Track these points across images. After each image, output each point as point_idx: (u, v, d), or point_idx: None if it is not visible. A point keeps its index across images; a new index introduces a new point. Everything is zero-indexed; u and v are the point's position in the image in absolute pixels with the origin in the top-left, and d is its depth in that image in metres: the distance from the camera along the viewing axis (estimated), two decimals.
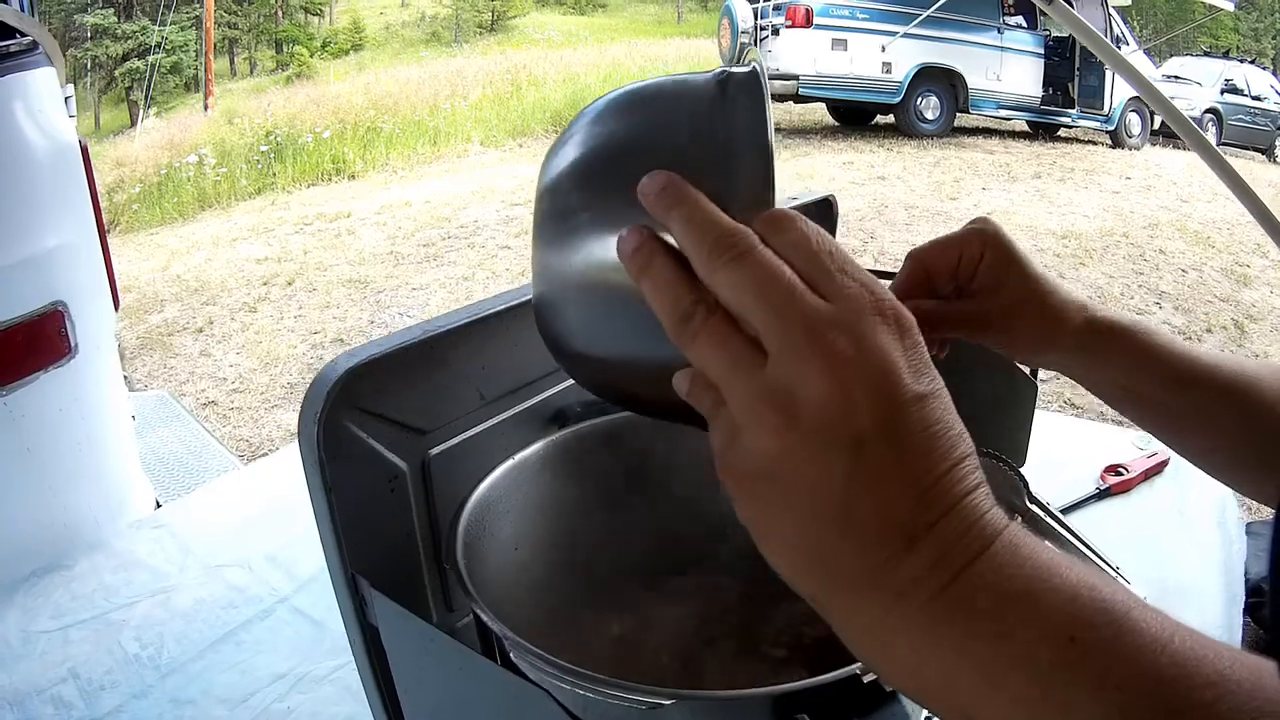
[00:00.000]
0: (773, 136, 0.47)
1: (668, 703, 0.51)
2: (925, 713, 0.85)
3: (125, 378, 2.92)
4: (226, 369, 4.62)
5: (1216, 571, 1.27)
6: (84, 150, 1.60)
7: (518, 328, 0.77)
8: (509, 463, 0.76)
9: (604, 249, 0.48)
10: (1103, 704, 0.36)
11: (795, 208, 1.12)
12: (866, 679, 0.50)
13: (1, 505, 1.47)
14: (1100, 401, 0.82)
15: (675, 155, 0.47)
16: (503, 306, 0.74)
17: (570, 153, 0.51)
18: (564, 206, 0.51)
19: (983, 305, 0.76)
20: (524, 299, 0.75)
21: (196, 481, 2.33)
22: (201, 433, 2.62)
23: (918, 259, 0.77)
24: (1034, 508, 1.15)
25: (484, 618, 0.57)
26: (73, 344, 1.56)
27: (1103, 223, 5.79)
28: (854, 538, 0.39)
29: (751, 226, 0.43)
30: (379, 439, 0.69)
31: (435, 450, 0.74)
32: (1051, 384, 3.92)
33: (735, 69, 0.49)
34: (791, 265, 0.42)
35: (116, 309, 1.75)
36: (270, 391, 4.33)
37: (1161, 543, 1.33)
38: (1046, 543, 0.41)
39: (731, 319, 0.42)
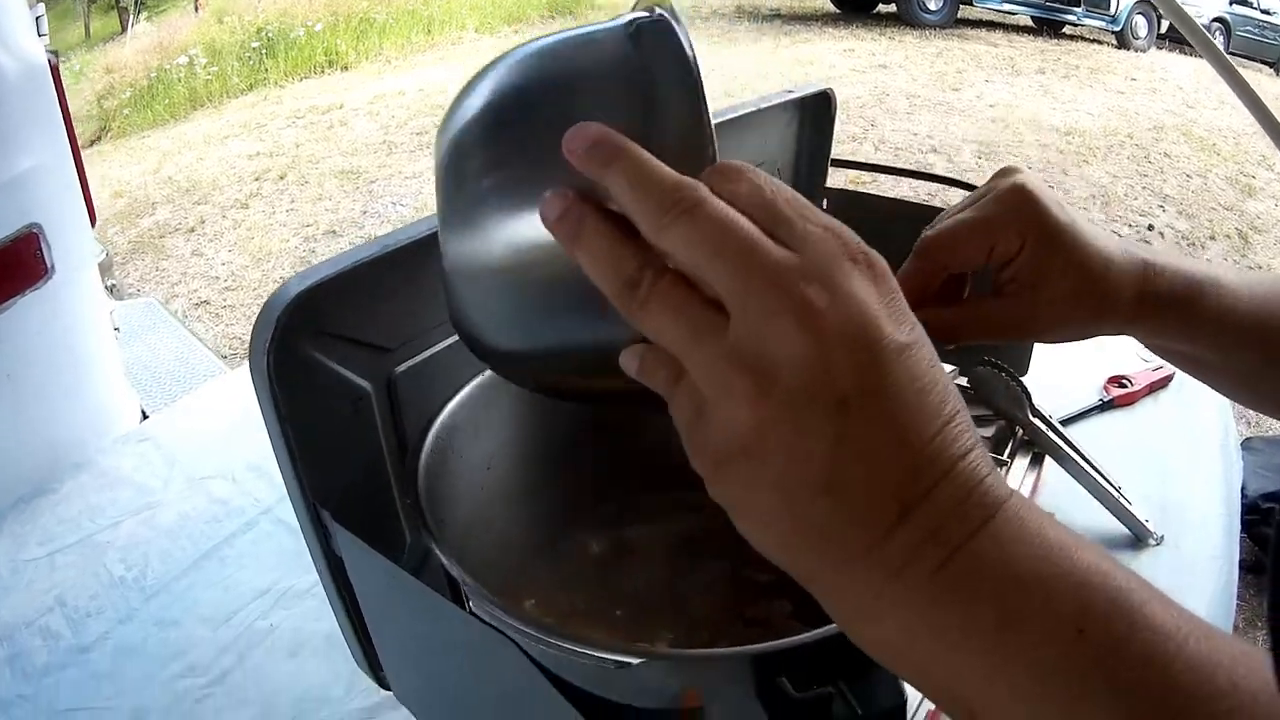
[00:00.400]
0: (701, 78, 0.40)
1: (635, 662, 0.47)
2: None
3: (114, 286, 2.91)
4: (219, 267, 4.58)
5: (1218, 490, 1.25)
6: (54, 69, 1.56)
7: None
8: (480, 378, 0.71)
9: (523, 220, 0.41)
10: (1109, 710, 0.32)
11: (792, 100, 1.09)
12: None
13: None
14: None
15: (597, 103, 0.41)
16: None
17: (473, 114, 0.44)
18: (470, 176, 0.44)
19: (1020, 306, 0.63)
20: None
21: (184, 389, 2.32)
22: (189, 338, 2.60)
23: (933, 254, 0.63)
24: (1036, 421, 1.12)
25: (446, 563, 0.53)
26: (49, 265, 1.53)
27: (1107, 122, 5.71)
28: (843, 509, 0.35)
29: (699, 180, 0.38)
30: (339, 360, 0.65)
31: (401, 368, 0.71)
32: None
33: (640, 15, 0.42)
34: (748, 217, 0.37)
35: (93, 224, 1.73)
36: (263, 288, 4.29)
37: (1163, 459, 1.31)
38: (1053, 517, 0.37)
39: (685, 281, 0.37)
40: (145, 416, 1.81)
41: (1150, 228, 4.33)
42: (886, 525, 0.35)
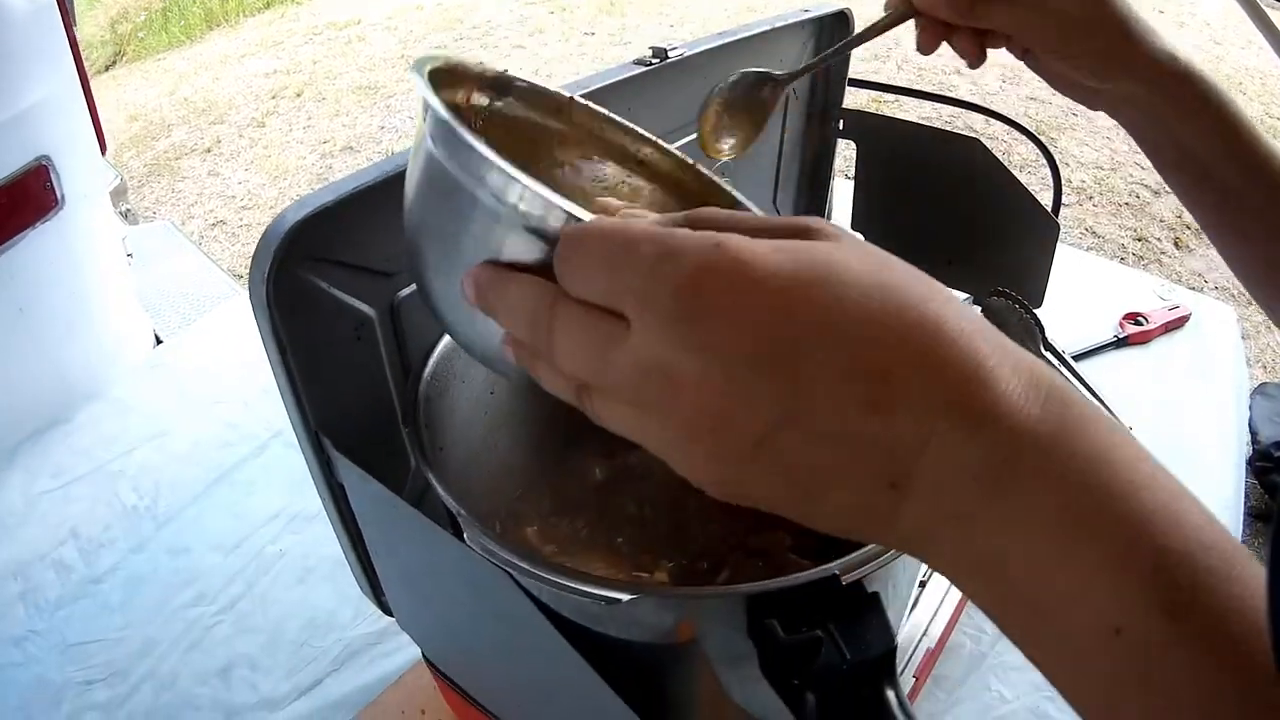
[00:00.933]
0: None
1: (625, 598, 0.47)
2: (907, 622, 0.83)
3: (129, 211, 2.89)
4: (235, 186, 4.54)
5: (1231, 434, 1.24)
6: (60, 1, 1.53)
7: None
8: None
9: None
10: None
11: (809, 19, 1.06)
12: (845, 579, 0.46)
13: (0, 369, 1.46)
14: (1120, 237, 0.74)
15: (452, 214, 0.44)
16: None
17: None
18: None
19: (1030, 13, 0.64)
20: None
21: (199, 312, 2.32)
22: (204, 261, 2.58)
23: None
24: (1048, 354, 1.11)
25: (442, 495, 0.53)
26: (59, 196, 1.51)
27: None
28: (840, 511, 0.34)
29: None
30: (341, 286, 0.64)
31: (404, 293, 0.70)
32: (1071, 210, 3.84)
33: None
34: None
35: (103, 153, 1.70)
36: (279, 205, 4.19)
37: (1176, 400, 1.31)
38: (1114, 424, 0.34)
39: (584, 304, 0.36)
40: (159, 342, 1.81)
41: None
42: (887, 511, 0.33)
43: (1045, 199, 1.11)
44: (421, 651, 0.82)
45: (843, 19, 1.11)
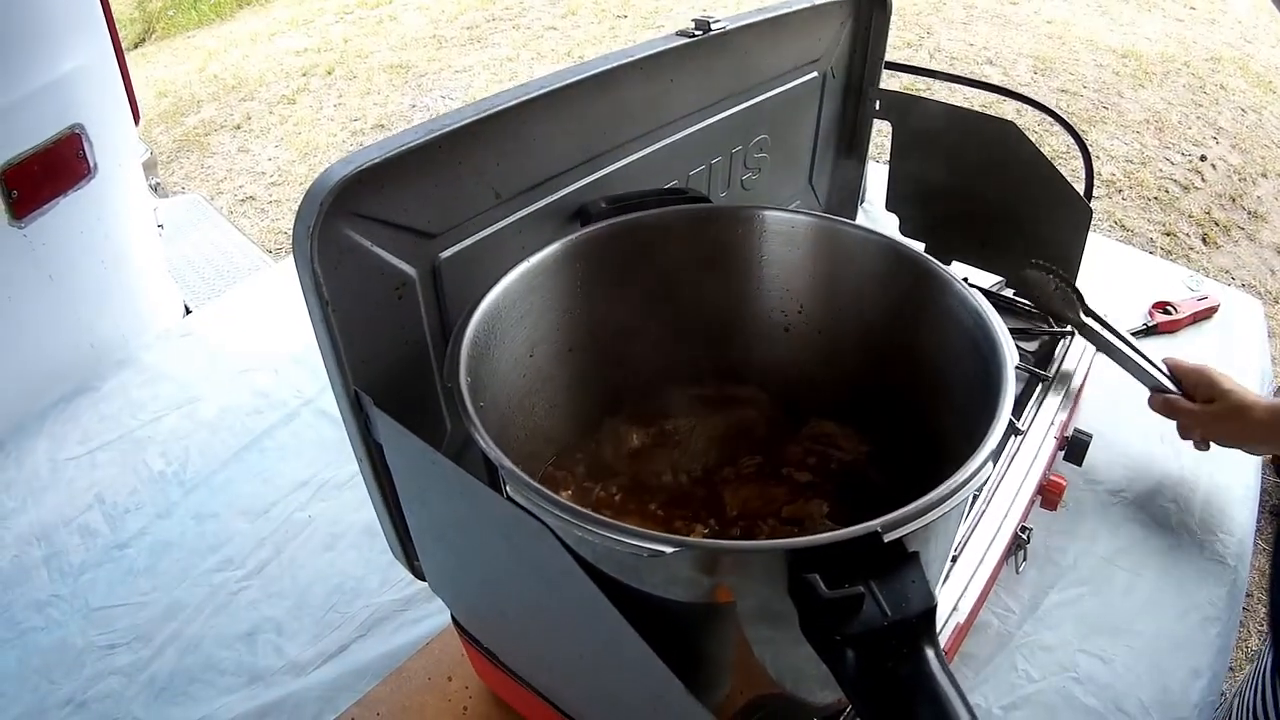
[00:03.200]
0: None
1: (669, 550, 0.47)
2: (940, 593, 0.83)
3: (158, 185, 2.90)
4: (265, 163, 4.54)
5: None
6: None
7: (535, 122, 0.72)
8: (525, 265, 0.70)
9: None
10: None
11: (849, 2, 1.06)
12: (887, 537, 0.46)
13: (28, 336, 1.47)
14: (1149, 231, 0.76)
15: None
16: (516, 101, 0.68)
17: None
18: None
19: None
20: (540, 91, 0.70)
21: (228, 283, 2.32)
22: (233, 232, 2.59)
23: None
24: (1090, 320, 1.10)
25: (485, 449, 0.53)
26: (92, 164, 1.53)
27: (1164, 48, 5.52)
28: None
29: None
30: (384, 245, 0.64)
31: (446, 253, 0.70)
32: (1100, 203, 3.82)
33: None
34: None
35: (136, 122, 1.71)
36: (309, 181, 4.21)
37: None
38: None
39: None
40: (189, 312, 1.82)
41: (1203, 158, 4.21)
42: None
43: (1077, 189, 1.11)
44: (451, 615, 0.82)
45: (881, 2, 1.11)
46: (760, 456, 0.79)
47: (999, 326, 0.60)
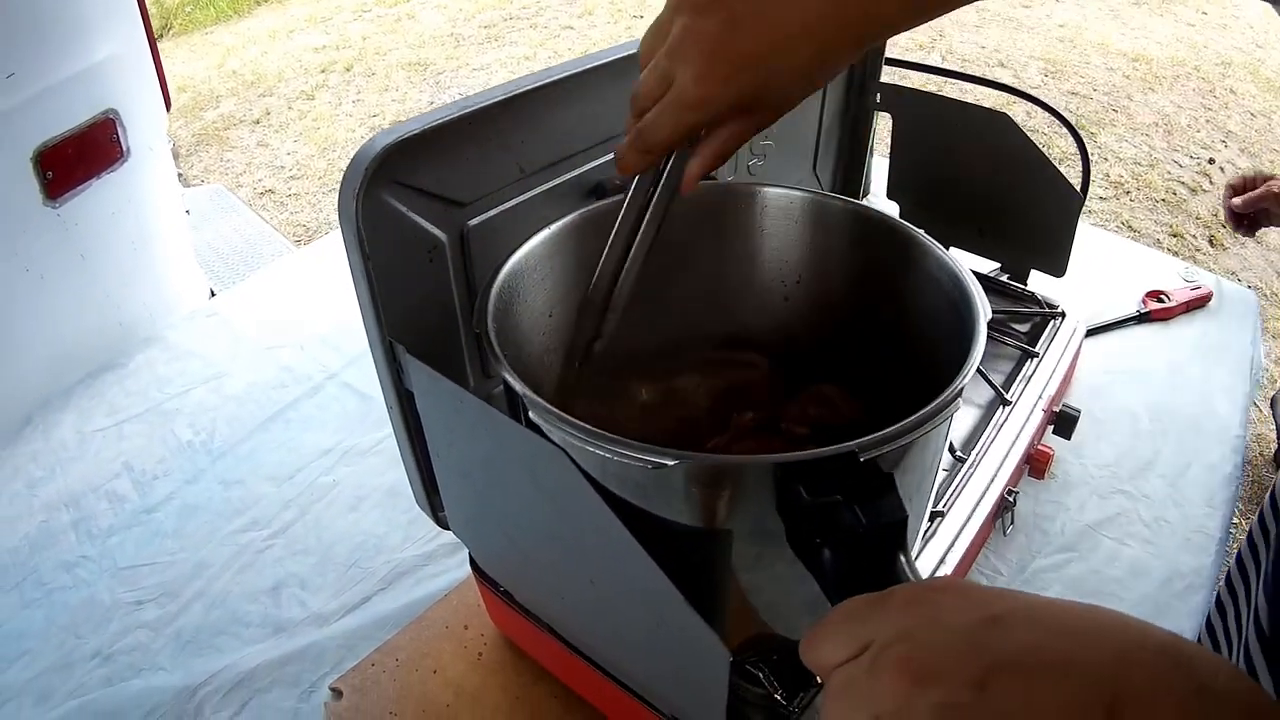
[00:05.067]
0: None
1: (671, 463, 0.53)
2: (924, 545, 0.89)
3: (180, 175, 2.96)
4: (284, 157, 4.59)
5: (1237, 416, 1.29)
6: None
7: (557, 103, 0.77)
8: (545, 232, 0.76)
9: None
10: None
11: None
12: (863, 458, 0.52)
13: (58, 312, 1.52)
14: (1155, 232, 0.80)
15: None
16: (542, 82, 0.73)
17: None
18: None
19: None
20: (563, 75, 0.75)
21: (252, 270, 2.38)
22: (257, 221, 2.65)
23: None
24: None
25: (508, 378, 0.59)
26: (124, 148, 1.58)
27: (1175, 52, 5.55)
28: None
29: None
30: (419, 212, 0.70)
31: (474, 221, 0.76)
32: (1108, 204, 3.86)
33: None
34: None
35: (168, 110, 1.77)
36: (328, 176, 4.31)
37: (1194, 377, 1.36)
38: None
39: None
40: (213, 296, 1.86)
41: (1211, 161, 4.25)
42: None
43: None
44: (470, 562, 0.88)
45: None
46: (762, 411, 0.85)
47: (973, 284, 0.65)
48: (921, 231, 0.75)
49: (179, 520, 1.18)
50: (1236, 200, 1.45)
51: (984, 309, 0.62)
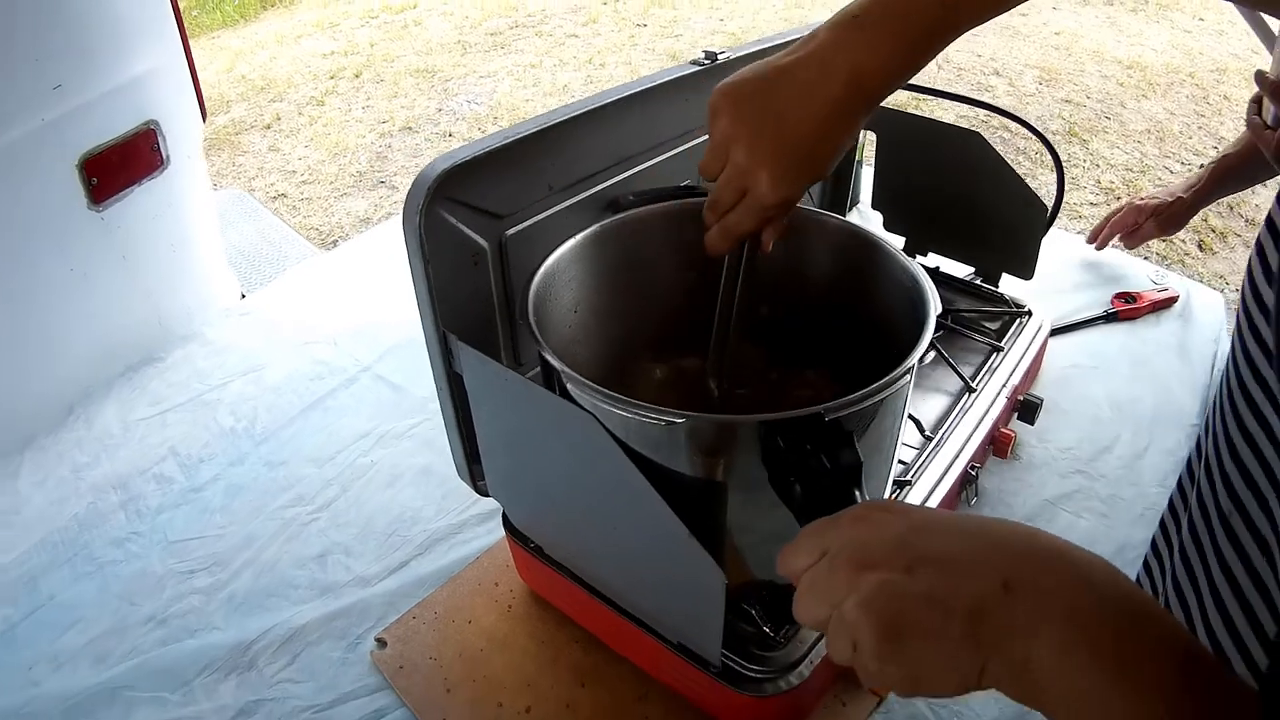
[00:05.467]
0: None
1: (680, 420, 0.68)
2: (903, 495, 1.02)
3: None
4: (295, 162, 4.68)
5: (1196, 405, 1.38)
6: None
7: (581, 131, 0.91)
8: (571, 241, 0.90)
9: None
10: None
11: None
12: (828, 419, 0.66)
13: (101, 311, 1.59)
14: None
15: None
16: (569, 115, 0.88)
17: None
18: None
19: None
20: (583, 110, 0.89)
21: (278, 271, 2.44)
22: (280, 224, 2.72)
23: None
24: None
25: (547, 356, 0.73)
26: (164, 157, 1.67)
27: (1170, 59, 5.63)
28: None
29: None
30: (466, 223, 0.84)
31: (511, 231, 0.90)
32: (1099, 209, 3.95)
33: None
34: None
35: (204, 120, 1.84)
36: (339, 181, 4.40)
37: (1156, 370, 1.45)
38: None
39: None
40: (244, 297, 1.94)
41: (1202, 166, 4.34)
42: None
43: (1075, 196, 1.28)
44: (503, 520, 1.01)
45: None
46: (763, 388, 0.99)
47: (927, 283, 0.80)
48: (889, 241, 0.89)
49: (226, 498, 1.26)
50: (1096, 242, 1.70)
51: (935, 304, 0.76)
